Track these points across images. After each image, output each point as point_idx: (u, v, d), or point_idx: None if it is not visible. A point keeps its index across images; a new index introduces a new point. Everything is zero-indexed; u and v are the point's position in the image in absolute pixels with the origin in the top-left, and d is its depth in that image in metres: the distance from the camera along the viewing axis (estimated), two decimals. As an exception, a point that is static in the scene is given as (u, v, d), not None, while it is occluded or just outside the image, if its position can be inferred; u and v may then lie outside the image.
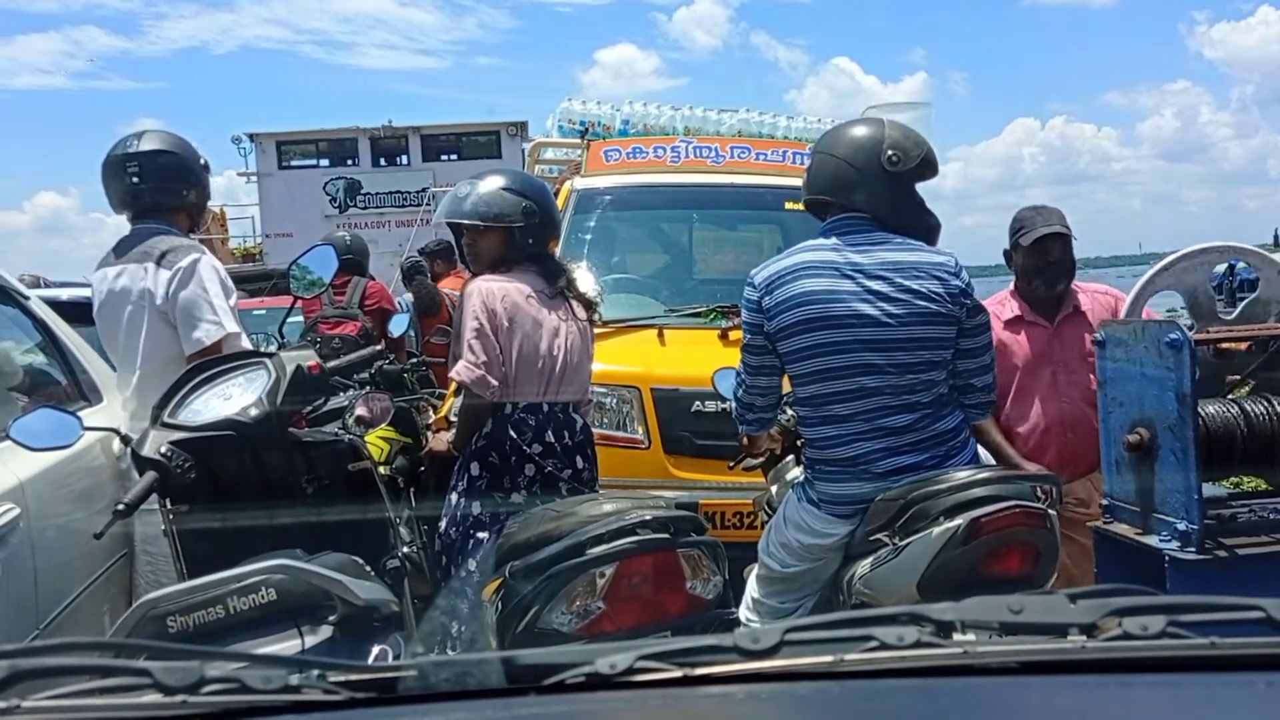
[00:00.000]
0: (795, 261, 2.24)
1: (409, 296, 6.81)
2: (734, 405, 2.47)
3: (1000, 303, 3.07)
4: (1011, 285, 3.12)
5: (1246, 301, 2.58)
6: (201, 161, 2.97)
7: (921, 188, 2.34)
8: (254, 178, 16.52)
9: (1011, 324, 3.02)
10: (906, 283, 2.20)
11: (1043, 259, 2.96)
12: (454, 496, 2.68)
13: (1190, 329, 2.34)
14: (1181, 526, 2.07)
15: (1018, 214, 3.05)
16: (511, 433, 2.64)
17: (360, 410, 2.41)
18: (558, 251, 4.32)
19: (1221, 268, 2.93)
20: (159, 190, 2.86)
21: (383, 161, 16.82)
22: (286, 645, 1.51)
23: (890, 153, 2.23)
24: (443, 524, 2.69)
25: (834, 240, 2.26)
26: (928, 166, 2.28)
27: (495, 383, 2.61)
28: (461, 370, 2.61)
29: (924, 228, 2.31)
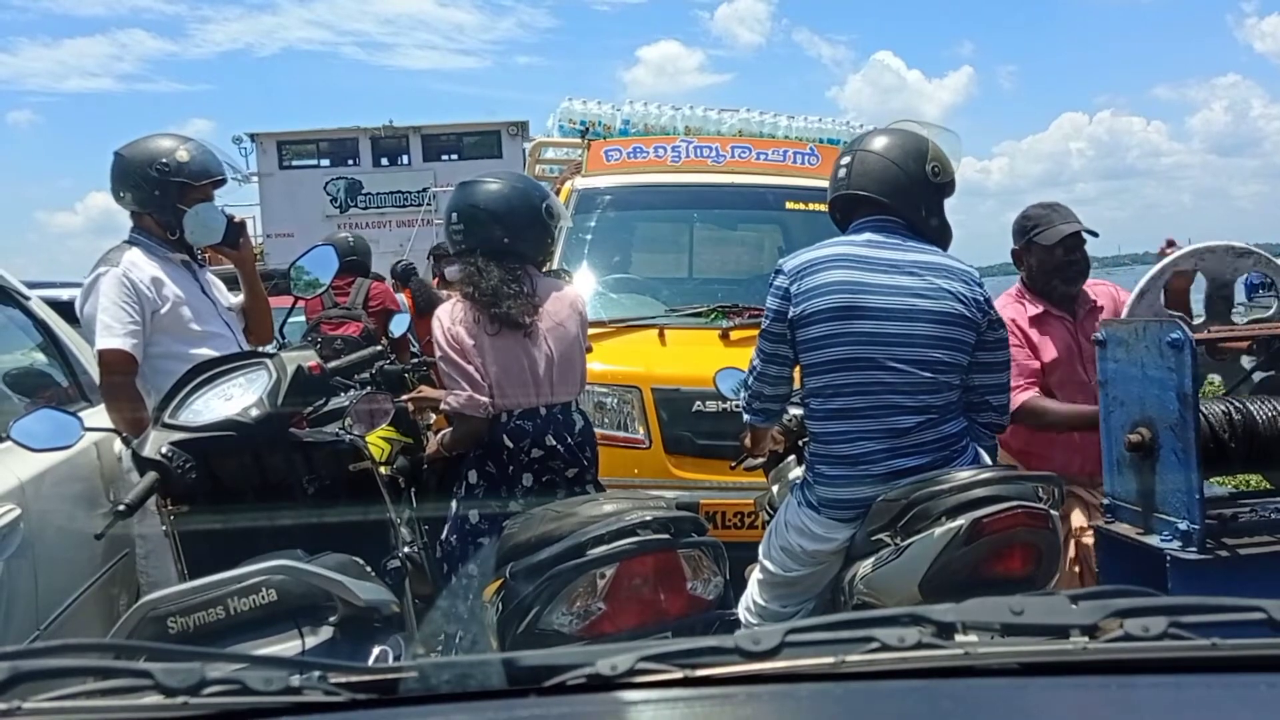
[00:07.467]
0: (828, 253, 2.27)
1: (403, 297, 6.84)
2: (742, 393, 2.48)
3: (1018, 300, 2.99)
4: (1019, 285, 3.03)
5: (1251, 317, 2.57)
6: (155, 165, 2.72)
7: (963, 185, 2.44)
8: (254, 178, 16.50)
9: (1037, 320, 2.94)
10: (935, 281, 2.23)
11: (1064, 257, 2.90)
12: (454, 504, 2.68)
13: (1202, 324, 2.33)
14: (1183, 526, 2.06)
15: (1027, 211, 3.00)
16: (508, 441, 2.61)
17: (356, 426, 2.40)
18: (556, 253, 4.32)
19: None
20: (113, 193, 2.82)
21: (384, 161, 16.81)
22: (287, 646, 1.51)
23: (933, 164, 2.31)
24: (444, 532, 2.68)
25: (867, 236, 2.29)
26: (952, 187, 2.38)
27: (485, 399, 2.59)
28: (451, 400, 2.62)
29: (944, 243, 2.37)
